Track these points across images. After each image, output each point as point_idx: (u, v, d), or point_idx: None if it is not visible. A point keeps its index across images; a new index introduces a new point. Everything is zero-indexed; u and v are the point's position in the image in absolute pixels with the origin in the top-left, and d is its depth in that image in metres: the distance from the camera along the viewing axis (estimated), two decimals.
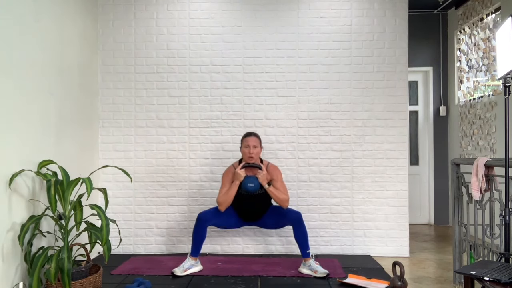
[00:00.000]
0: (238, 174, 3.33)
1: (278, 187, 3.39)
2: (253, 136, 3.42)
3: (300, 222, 3.35)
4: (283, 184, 3.45)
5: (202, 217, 3.36)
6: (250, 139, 3.39)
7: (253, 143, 3.37)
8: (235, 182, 3.35)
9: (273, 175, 3.43)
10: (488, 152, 4.48)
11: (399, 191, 4.05)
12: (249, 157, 3.36)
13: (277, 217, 3.45)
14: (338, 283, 3.15)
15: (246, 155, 3.38)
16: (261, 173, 3.33)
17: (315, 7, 4.09)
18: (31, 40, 2.94)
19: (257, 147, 3.39)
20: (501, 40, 2.52)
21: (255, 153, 3.37)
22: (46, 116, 3.13)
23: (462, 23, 5.16)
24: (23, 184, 2.83)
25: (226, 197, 3.36)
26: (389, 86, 4.07)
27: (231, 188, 3.36)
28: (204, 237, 3.40)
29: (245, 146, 3.39)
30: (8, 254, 2.66)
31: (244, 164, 3.38)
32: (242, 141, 3.44)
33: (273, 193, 3.35)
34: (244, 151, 3.40)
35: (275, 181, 3.42)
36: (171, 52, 4.12)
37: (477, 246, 3.01)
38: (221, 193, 3.40)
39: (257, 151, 3.40)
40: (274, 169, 3.46)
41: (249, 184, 3.32)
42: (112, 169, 4.04)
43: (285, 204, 3.38)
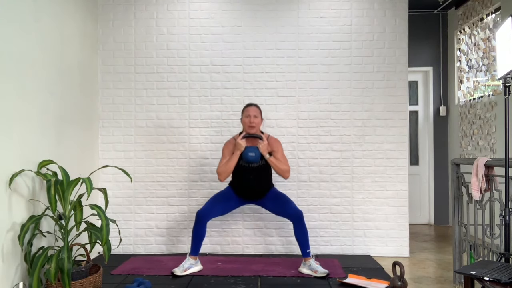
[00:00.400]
0: (239, 144, 3.31)
1: (279, 158, 3.37)
2: (253, 106, 3.40)
3: (301, 221, 3.34)
4: (284, 156, 3.42)
5: (201, 213, 3.34)
6: (251, 109, 3.37)
7: (253, 112, 3.36)
8: (236, 153, 3.33)
9: (274, 146, 3.41)
10: (488, 152, 4.48)
11: (399, 191, 4.05)
12: (250, 126, 3.34)
13: (277, 202, 3.42)
14: (338, 283, 3.15)
15: (246, 124, 3.36)
16: (262, 143, 3.31)
17: (315, 7, 4.09)
18: (31, 40, 2.95)
19: (257, 117, 3.37)
20: (501, 40, 2.52)
21: (256, 123, 3.35)
22: (46, 116, 3.13)
23: (462, 23, 5.16)
24: (23, 184, 2.83)
25: (226, 167, 3.33)
26: (389, 86, 4.07)
27: (232, 159, 3.34)
28: (204, 235, 3.39)
29: (246, 116, 3.37)
30: (8, 254, 2.66)
31: (244, 135, 3.36)
32: (243, 112, 3.42)
33: (273, 163, 3.32)
34: (244, 121, 3.38)
35: (276, 152, 3.38)
36: (171, 52, 4.12)
37: (477, 246, 3.01)
38: (220, 163, 3.38)
39: (258, 121, 3.38)
40: (275, 141, 3.45)
41: (250, 153, 3.28)
42: (112, 169, 4.04)
43: (286, 174, 3.36)
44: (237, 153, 3.32)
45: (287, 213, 3.37)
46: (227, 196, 3.47)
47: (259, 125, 3.41)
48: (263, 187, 3.46)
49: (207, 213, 3.36)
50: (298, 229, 3.35)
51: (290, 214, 3.36)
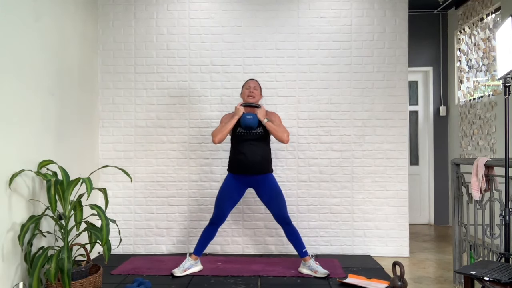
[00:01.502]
0: (237, 109, 3.33)
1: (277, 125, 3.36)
2: (254, 80, 3.47)
3: (288, 224, 3.35)
4: (282, 124, 3.41)
5: (215, 219, 3.36)
6: (251, 82, 3.44)
7: (253, 85, 3.41)
8: (234, 117, 3.33)
9: (271, 116, 3.41)
10: (488, 152, 4.48)
11: (399, 191, 4.05)
12: (249, 95, 3.37)
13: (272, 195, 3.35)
14: (338, 283, 3.15)
15: (246, 94, 3.39)
16: (260, 109, 3.34)
17: (315, 7, 4.09)
18: (31, 40, 2.94)
19: (257, 90, 3.42)
20: (501, 40, 2.52)
21: (255, 94, 3.38)
22: (46, 116, 3.13)
23: (462, 23, 5.16)
24: (23, 184, 2.83)
25: (223, 129, 3.31)
26: (389, 86, 4.07)
27: (229, 122, 3.32)
28: (213, 238, 3.42)
29: (246, 87, 3.41)
30: (8, 254, 2.66)
31: (243, 103, 3.38)
32: (243, 85, 3.46)
33: (271, 127, 3.29)
34: (244, 91, 3.41)
35: (273, 121, 3.38)
36: (171, 52, 4.12)
37: (477, 246, 3.01)
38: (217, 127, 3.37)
39: (257, 93, 3.42)
40: (273, 113, 3.47)
41: (248, 116, 3.28)
42: (112, 169, 4.04)
43: (284, 137, 3.31)
44: (235, 117, 3.33)
45: (276, 214, 3.35)
46: (228, 187, 3.38)
47: (258, 98, 3.43)
48: (261, 160, 3.33)
49: (221, 217, 3.37)
50: (288, 231, 3.37)
51: (278, 215, 3.34)
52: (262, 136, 3.36)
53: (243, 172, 3.34)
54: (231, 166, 3.41)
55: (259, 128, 3.35)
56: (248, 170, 3.32)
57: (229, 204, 3.39)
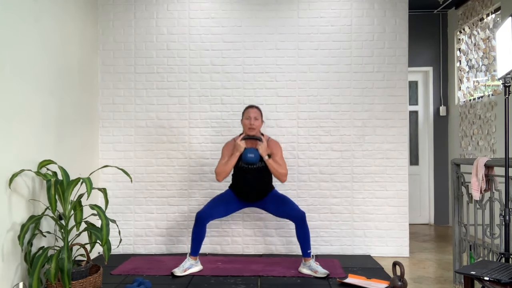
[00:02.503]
0: (238, 145, 3.31)
1: (278, 161, 3.36)
2: (254, 108, 3.41)
3: (303, 221, 3.35)
4: (283, 159, 3.42)
5: (200, 215, 3.34)
6: (252, 111, 3.37)
7: (254, 114, 3.36)
8: (235, 154, 3.32)
9: (273, 149, 3.40)
10: (488, 152, 4.48)
11: (399, 191, 4.05)
12: (250, 128, 3.34)
13: (279, 204, 3.42)
14: (338, 283, 3.15)
15: (246, 126, 3.36)
16: (261, 144, 3.31)
17: (315, 7, 4.09)
18: (31, 40, 2.94)
19: (258, 119, 3.37)
20: (501, 40, 2.52)
21: (256, 125, 3.35)
22: (46, 116, 3.13)
23: (462, 23, 5.16)
24: (23, 184, 2.83)
25: (225, 168, 3.33)
26: (389, 86, 4.07)
27: (231, 159, 3.34)
28: (204, 236, 3.39)
29: (246, 117, 3.37)
30: (8, 254, 2.66)
31: (244, 136, 3.36)
32: (244, 113, 3.42)
33: (272, 166, 3.31)
34: (245, 122, 3.38)
35: (275, 155, 3.38)
36: (171, 52, 4.12)
37: (477, 246, 3.01)
38: (219, 163, 3.38)
39: (258, 123, 3.38)
40: (275, 144, 3.44)
41: (249, 154, 3.29)
42: (112, 169, 4.04)
43: (283, 178, 3.35)
44: (236, 154, 3.32)
45: (290, 215, 3.38)
46: (227, 198, 3.46)
47: (259, 127, 3.40)
48: (263, 188, 3.45)
49: (207, 215, 3.36)
50: (300, 230, 3.35)
51: (292, 215, 3.36)
52: (264, 168, 3.39)
53: (245, 199, 3.45)
54: (233, 189, 3.49)
55: (261, 163, 3.36)
56: (251, 199, 3.45)
57: (221, 210, 3.43)
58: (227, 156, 3.40)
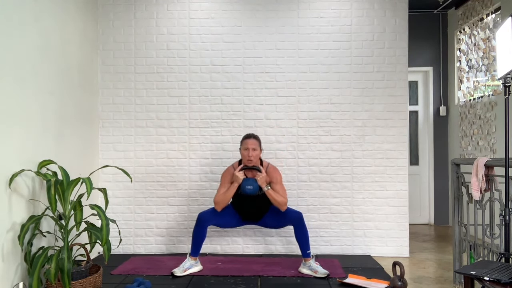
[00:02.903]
0: (237, 177, 3.31)
1: (277, 190, 3.37)
2: (252, 139, 3.38)
3: (301, 222, 3.35)
4: (282, 186, 3.43)
5: (202, 217, 3.35)
6: (250, 142, 3.35)
7: (252, 146, 3.34)
8: (234, 184, 3.34)
9: (273, 177, 3.40)
10: (488, 152, 4.48)
11: (399, 191, 4.05)
12: (248, 160, 3.35)
13: (277, 217, 3.44)
14: (338, 283, 3.15)
15: (245, 157, 3.36)
16: (260, 175, 3.30)
17: (315, 7, 4.09)
18: (31, 40, 2.94)
19: (256, 150, 3.36)
20: (501, 40, 2.52)
21: (254, 156, 3.34)
22: (46, 116, 3.13)
23: (462, 23, 5.16)
24: (23, 184, 2.83)
25: (224, 198, 3.35)
26: (389, 86, 4.07)
27: (229, 189, 3.35)
28: (204, 237, 3.40)
29: (244, 148, 3.37)
30: (8, 254, 2.66)
31: (243, 166, 3.36)
32: (242, 143, 3.41)
33: (271, 196, 3.32)
34: (243, 153, 3.38)
35: (274, 183, 3.39)
36: (171, 52, 4.12)
37: (477, 246, 3.01)
38: (218, 193, 3.39)
39: (256, 153, 3.37)
40: (274, 171, 3.44)
41: (248, 186, 3.31)
42: (112, 169, 4.04)
43: (283, 207, 3.36)
44: (235, 185, 3.33)
45: (288, 220, 3.39)
46: (230, 212, 3.49)
47: (257, 157, 3.40)
48: (262, 211, 3.48)
49: (208, 218, 3.37)
50: (299, 230, 3.36)
51: (291, 219, 3.37)
52: (263, 196, 3.39)
53: (244, 218, 3.51)
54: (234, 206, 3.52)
55: (260, 191, 3.37)
56: (250, 220, 3.52)
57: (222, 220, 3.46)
58: (226, 183, 3.40)
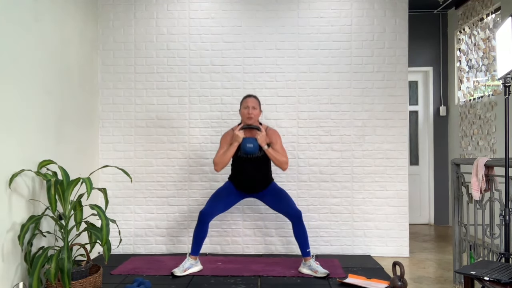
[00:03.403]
0: (237, 135, 3.29)
1: (277, 150, 3.35)
2: (252, 98, 3.39)
3: (299, 220, 3.34)
4: (282, 147, 3.40)
5: (204, 213, 3.33)
6: (250, 100, 3.36)
7: (252, 104, 3.34)
8: (234, 144, 3.31)
9: (272, 138, 3.38)
10: (488, 152, 4.48)
11: (399, 191, 4.05)
12: (248, 117, 3.32)
13: (278, 198, 3.40)
14: (338, 283, 3.15)
15: (245, 116, 3.34)
16: (260, 134, 3.29)
17: (315, 7, 4.09)
18: (31, 40, 2.94)
19: (256, 109, 3.36)
20: (501, 40, 2.52)
21: (254, 114, 3.33)
22: (46, 116, 3.13)
23: (462, 23, 5.16)
24: (23, 184, 2.83)
25: (223, 158, 3.31)
26: (389, 86, 4.07)
27: (229, 149, 3.32)
28: (205, 235, 3.39)
29: (244, 107, 3.35)
30: (8, 254, 2.66)
31: (242, 126, 3.34)
32: (242, 103, 3.40)
33: (272, 155, 3.29)
34: (243, 112, 3.36)
35: (274, 144, 3.36)
36: (171, 52, 4.12)
37: (477, 246, 3.01)
38: (218, 154, 3.36)
39: (256, 112, 3.36)
40: (274, 132, 3.42)
41: (248, 144, 3.27)
42: (112, 169, 4.04)
43: (284, 166, 3.33)
44: (235, 144, 3.31)
45: (287, 212, 3.37)
46: (227, 191, 3.44)
47: (257, 117, 3.39)
48: (262, 179, 3.42)
49: (210, 212, 3.35)
50: (297, 228, 3.35)
51: (289, 213, 3.36)
52: (263, 158, 3.37)
53: (244, 191, 3.44)
54: (233, 180, 3.47)
55: (260, 152, 3.35)
56: (250, 190, 3.43)
57: (222, 205, 3.42)
58: (225, 146, 3.38)
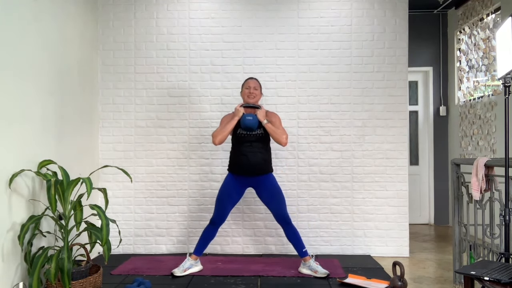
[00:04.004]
0: (237, 110, 3.32)
1: (277, 126, 3.35)
2: (254, 79, 3.44)
3: (288, 224, 3.35)
4: (281, 126, 3.40)
5: (216, 219, 3.36)
6: (251, 81, 3.40)
7: (253, 85, 3.39)
8: (234, 118, 3.32)
9: (272, 117, 3.40)
10: (488, 152, 4.48)
11: (399, 191, 4.05)
12: (249, 96, 3.36)
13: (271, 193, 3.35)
14: (338, 283, 3.15)
15: (245, 95, 3.38)
16: (260, 110, 3.33)
17: (315, 7, 4.09)
18: (31, 40, 2.94)
19: (257, 89, 3.40)
20: (501, 40, 2.52)
21: (255, 94, 3.37)
22: (46, 116, 3.13)
23: (462, 23, 5.16)
24: (23, 184, 2.83)
25: (223, 130, 3.32)
26: (389, 86, 4.07)
27: (229, 123, 3.32)
28: (213, 238, 3.42)
29: (246, 87, 3.39)
30: (8, 254, 2.66)
31: (243, 104, 3.38)
32: (243, 84, 3.43)
33: (271, 128, 3.29)
34: (244, 91, 3.40)
35: (274, 122, 3.37)
36: (171, 52, 4.12)
37: (477, 246, 3.01)
38: (217, 129, 3.37)
39: (257, 93, 3.40)
40: (273, 114, 3.44)
41: (248, 117, 3.28)
42: (112, 169, 4.04)
43: (283, 140, 3.29)
44: (235, 118, 3.32)
45: (275, 213, 3.36)
46: (228, 188, 3.39)
47: (258, 98, 3.42)
48: (261, 161, 3.34)
49: (222, 217, 3.37)
50: (288, 231, 3.37)
51: (277, 214, 3.35)
52: (263, 137, 3.36)
53: (244, 174, 3.36)
54: (231, 166, 3.42)
55: (259, 130, 3.34)
56: (249, 172, 3.34)
57: (229, 204, 3.40)
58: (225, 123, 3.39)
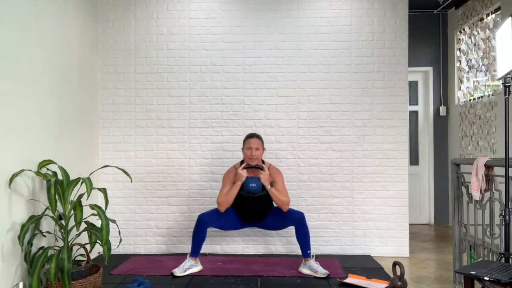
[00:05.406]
0: (240, 174, 3.31)
1: (280, 190, 3.37)
2: (255, 138, 3.39)
3: (303, 223, 3.35)
4: (284, 187, 3.43)
5: (202, 218, 3.34)
6: (252, 141, 3.36)
7: (255, 145, 3.35)
8: (237, 183, 3.33)
9: (275, 177, 3.41)
10: (488, 152, 4.48)
11: (399, 191, 4.05)
12: (251, 159, 3.35)
13: (279, 218, 3.43)
14: (338, 283, 3.15)
15: (247, 157, 3.37)
16: (264, 173, 3.31)
17: (315, 7, 4.09)
18: (31, 40, 2.94)
19: (259, 149, 3.37)
20: (501, 40, 2.52)
21: (257, 155, 3.35)
22: (46, 116, 3.13)
23: (462, 23, 5.16)
24: (23, 184, 2.83)
25: (227, 197, 3.34)
26: (389, 86, 4.07)
27: (232, 189, 3.34)
28: (204, 238, 3.39)
29: (247, 148, 3.37)
30: (8, 254, 2.66)
31: (246, 165, 3.36)
32: (244, 143, 3.42)
33: (274, 195, 3.32)
34: (246, 152, 3.38)
35: (277, 183, 3.39)
36: (171, 52, 4.12)
37: (477, 246, 3.01)
38: (221, 193, 3.38)
39: (259, 153, 3.38)
40: (276, 171, 3.45)
41: (251, 184, 3.30)
42: (112, 169, 4.04)
43: (285, 207, 3.35)
44: (238, 183, 3.32)
45: (291, 220, 3.38)
46: (231, 215, 3.45)
47: (260, 157, 3.41)
48: (264, 213, 3.47)
49: (208, 220, 3.36)
50: (300, 231, 3.36)
51: (292, 220, 3.37)
52: (265, 196, 3.39)
53: (245, 221, 3.48)
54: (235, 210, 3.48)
55: (263, 191, 3.36)
56: (251, 220, 3.48)
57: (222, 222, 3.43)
58: (228, 184, 3.39)
